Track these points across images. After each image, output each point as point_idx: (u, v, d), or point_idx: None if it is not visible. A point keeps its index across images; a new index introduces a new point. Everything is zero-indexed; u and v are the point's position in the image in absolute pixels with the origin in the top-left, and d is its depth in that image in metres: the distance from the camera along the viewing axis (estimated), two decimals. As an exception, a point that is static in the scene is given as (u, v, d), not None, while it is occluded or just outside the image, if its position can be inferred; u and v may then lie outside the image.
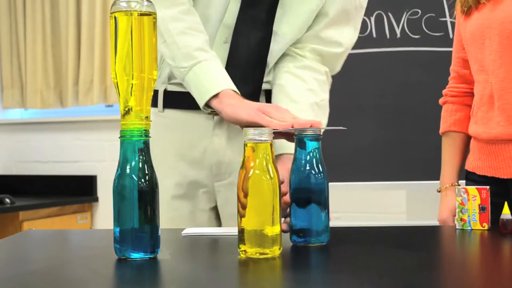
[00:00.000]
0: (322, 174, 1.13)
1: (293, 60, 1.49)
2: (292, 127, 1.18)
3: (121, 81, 1.02)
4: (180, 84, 1.45)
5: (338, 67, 1.56)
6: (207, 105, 1.35)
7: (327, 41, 1.50)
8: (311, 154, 1.13)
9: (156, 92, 1.51)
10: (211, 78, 1.35)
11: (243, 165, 1.02)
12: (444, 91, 1.84)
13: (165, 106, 1.51)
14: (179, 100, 1.49)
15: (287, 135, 1.22)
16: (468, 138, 1.77)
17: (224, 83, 1.34)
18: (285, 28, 1.46)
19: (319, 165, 1.13)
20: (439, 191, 1.78)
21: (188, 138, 1.49)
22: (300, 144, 1.14)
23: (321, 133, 1.15)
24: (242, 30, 1.43)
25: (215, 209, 1.53)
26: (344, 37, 1.52)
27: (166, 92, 1.51)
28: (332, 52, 1.51)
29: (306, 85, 1.46)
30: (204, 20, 1.44)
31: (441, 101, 1.85)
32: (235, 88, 1.34)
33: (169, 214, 1.48)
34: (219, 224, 1.54)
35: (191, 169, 1.49)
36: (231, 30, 1.44)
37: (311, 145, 1.13)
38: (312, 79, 1.47)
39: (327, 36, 1.50)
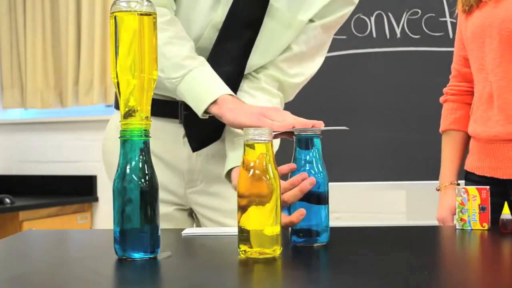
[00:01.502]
0: (322, 174, 1.13)
1: (247, 81, 1.47)
2: (293, 127, 1.18)
3: (121, 81, 1.02)
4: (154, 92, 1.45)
5: (292, 96, 1.54)
6: (206, 112, 1.34)
7: (286, 72, 1.48)
8: (310, 154, 1.13)
9: None
10: (206, 86, 1.33)
11: (243, 165, 1.02)
12: (444, 90, 1.85)
13: None
14: (151, 107, 1.47)
15: (288, 133, 1.22)
16: (468, 136, 1.77)
17: (220, 89, 1.33)
18: (255, 61, 1.45)
19: (319, 165, 1.13)
20: (439, 190, 1.78)
21: (158, 144, 1.47)
22: (300, 144, 1.14)
23: (320, 133, 1.15)
24: (216, 62, 1.39)
25: (189, 210, 1.54)
26: (305, 70, 1.50)
27: None
28: (290, 81, 1.48)
29: (260, 104, 1.41)
30: None
31: (441, 99, 1.85)
32: (231, 92, 1.33)
33: None
34: (197, 223, 1.54)
35: (162, 175, 1.48)
36: (204, 52, 1.42)
37: (311, 144, 1.13)
38: (266, 101, 1.43)
39: (287, 69, 1.48)
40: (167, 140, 1.48)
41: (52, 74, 4.09)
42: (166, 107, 1.45)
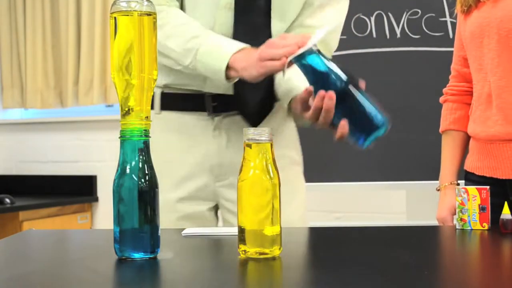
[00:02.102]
0: (334, 76, 1.15)
1: None
2: (286, 57, 1.20)
3: (121, 81, 1.02)
4: (178, 87, 1.45)
5: (333, 44, 1.53)
6: (228, 78, 1.34)
7: (313, 25, 1.48)
8: (315, 69, 1.15)
9: (153, 94, 1.51)
10: (215, 56, 1.34)
11: (243, 165, 1.02)
12: (444, 90, 1.85)
13: (163, 108, 1.50)
14: (177, 102, 1.48)
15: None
16: (467, 136, 1.77)
17: (227, 52, 1.33)
18: (276, 26, 1.45)
19: (328, 72, 1.15)
20: (438, 190, 1.78)
21: (187, 139, 1.48)
22: (301, 68, 1.16)
23: (313, 47, 1.16)
24: (241, 40, 1.39)
25: (215, 208, 1.53)
26: (329, 17, 1.50)
27: (163, 94, 1.50)
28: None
29: None
30: None
31: (441, 99, 1.85)
32: (238, 47, 1.33)
33: (172, 216, 1.48)
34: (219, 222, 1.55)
35: (191, 171, 1.48)
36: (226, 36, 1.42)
37: (308, 63, 1.15)
38: None
39: (311, 23, 1.48)
40: (196, 135, 1.48)
41: (52, 74, 4.09)
42: (192, 101, 1.45)
